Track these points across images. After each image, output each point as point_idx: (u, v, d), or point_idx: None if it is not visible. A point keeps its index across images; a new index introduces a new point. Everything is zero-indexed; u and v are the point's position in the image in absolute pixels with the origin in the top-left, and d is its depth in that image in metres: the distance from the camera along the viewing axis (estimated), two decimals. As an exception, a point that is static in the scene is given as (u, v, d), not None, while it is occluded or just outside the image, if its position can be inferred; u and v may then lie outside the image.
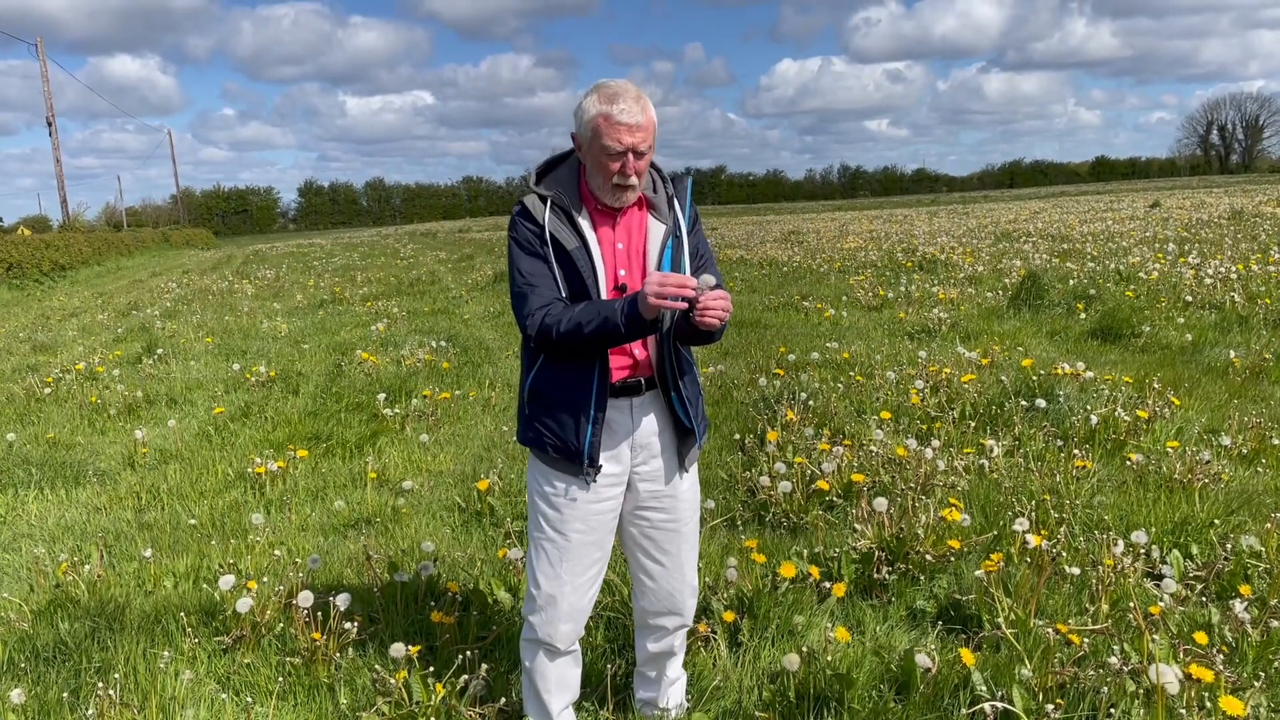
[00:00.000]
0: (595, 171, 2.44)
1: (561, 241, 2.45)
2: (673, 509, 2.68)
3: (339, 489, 5.57)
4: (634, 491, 2.65)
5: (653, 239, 2.53)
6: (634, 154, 2.38)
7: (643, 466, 2.63)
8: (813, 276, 15.02)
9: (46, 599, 4.07)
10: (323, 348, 10.64)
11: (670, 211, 2.56)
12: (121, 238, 44.47)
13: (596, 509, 2.58)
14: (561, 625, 2.63)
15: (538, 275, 2.47)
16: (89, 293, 23.24)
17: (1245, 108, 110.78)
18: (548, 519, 2.60)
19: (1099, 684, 2.87)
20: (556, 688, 2.75)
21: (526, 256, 2.48)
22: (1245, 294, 9.62)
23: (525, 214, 2.50)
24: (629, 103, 2.35)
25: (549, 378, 2.53)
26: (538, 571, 2.63)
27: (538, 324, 2.42)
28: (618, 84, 2.40)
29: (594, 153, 2.40)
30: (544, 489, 2.60)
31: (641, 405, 2.58)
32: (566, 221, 2.47)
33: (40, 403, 8.37)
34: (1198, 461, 4.62)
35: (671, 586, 2.75)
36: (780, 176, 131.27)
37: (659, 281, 2.24)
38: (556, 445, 2.53)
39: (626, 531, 2.73)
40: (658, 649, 2.87)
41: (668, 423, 2.64)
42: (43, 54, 41.62)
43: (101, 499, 5.66)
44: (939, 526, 3.96)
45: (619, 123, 2.34)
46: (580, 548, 2.59)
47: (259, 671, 3.35)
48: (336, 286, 18.07)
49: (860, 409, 6.23)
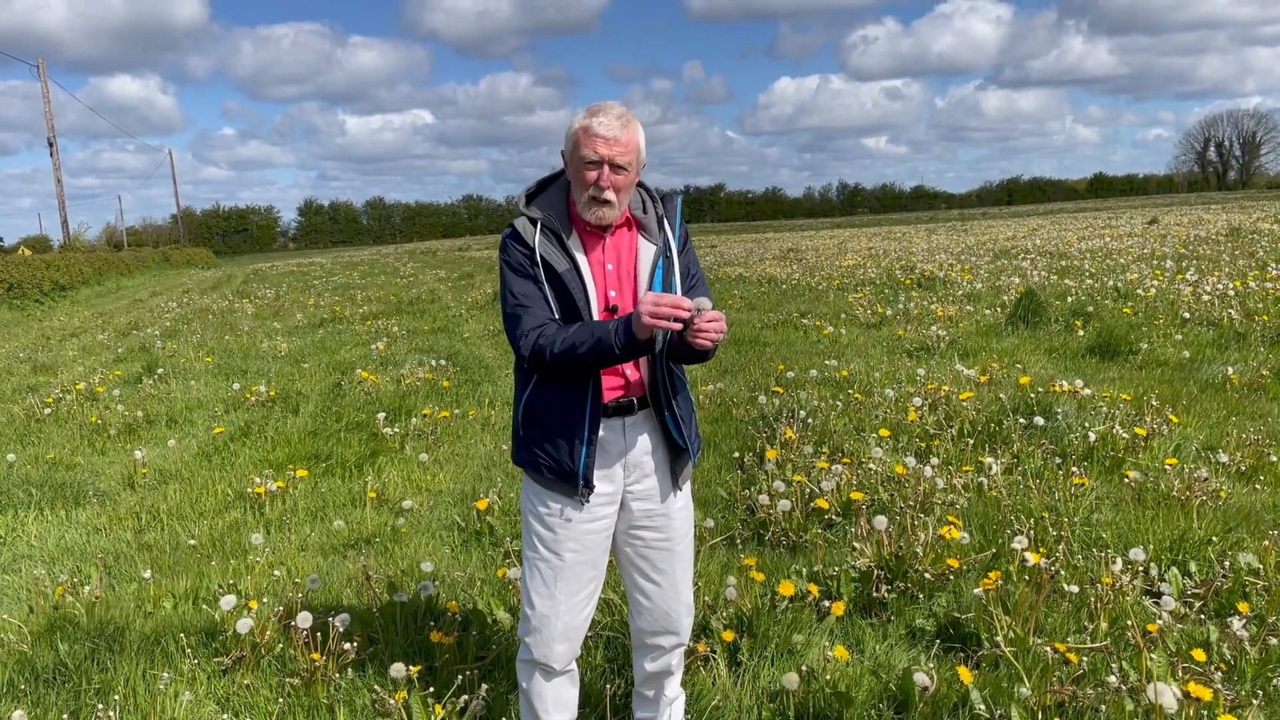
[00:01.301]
0: (576, 186, 2.48)
1: (552, 264, 2.47)
2: (666, 528, 2.69)
3: (338, 509, 5.58)
4: (627, 510, 2.66)
5: (643, 260, 2.55)
6: (611, 166, 2.41)
7: (636, 485, 2.64)
8: (811, 294, 15.06)
9: (46, 620, 4.07)
10: (323, 367, 10.65)
11: (660, 232, 2.59)
12: (122, 257, 44.56)
13: (590, 528, 2.60)
14: (557, 645, 2.63)
15: (530, 296, 2.49)
16: (89, 312, 23.28)
17: (1242, 124, 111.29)
18: (542, 539, 2.61)
19: (1097, 702, 2.88)
20: (554, 708, 2.75)
21: (518, 278, 2.51)
22: (1243, 311, 9.64)
23: (515, 237, 2.53)
24: (609, 117, 2.41)
25: (543, 399, 2.55)
26: (532, 592, 2.63)
27: (531, 344, 2.44)
28: (605, 103, 2.46)
29: (574, 165, 2.45)
30: (538, 509, 2.61)
31: (634, 424, 2.60)
32: (556, 244, 2.49)
33: (40, 423, 8.38)
34: (1196, 479, 4.62)
35: (667, 605, 2.75)
36: (779, 194, 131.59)
37: (653, 302, 2.25)
38: (551, 467, 2.54)
39: (621, 551, 2.74)
40: (655, 668, 2.87)
41: (660, 441, 2.65)
42: (44, 75, 41.86)
43: (101, 519, 5.67)
44: (938, 545, 3.96)
45: (596, 134, 2.40)
46: (574, 567, 2.60)
47: (258, 692, 3.35)
48: (336, 305, 18.11)
49: (859, 427, 6.24)
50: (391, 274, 29.46)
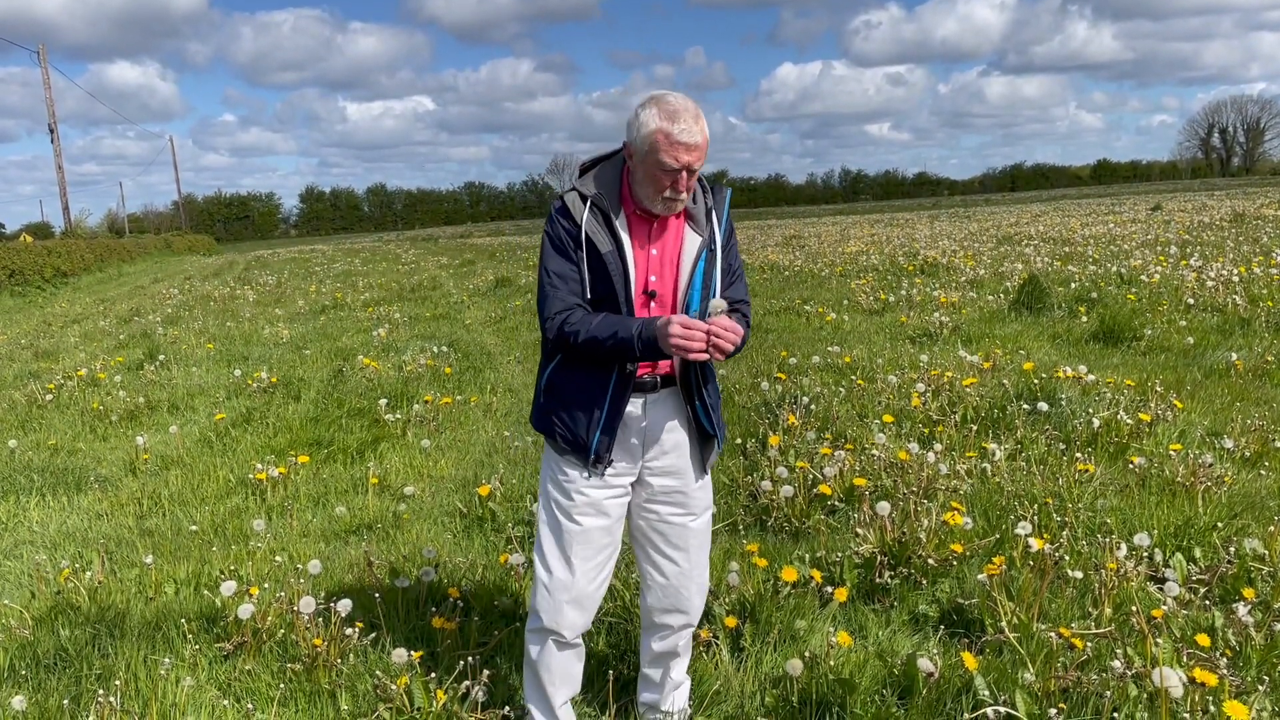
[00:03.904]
0: (646, 183, 2.45)
1: (596, 244, 2.47)
2: (684, 504, 2.70)
3: (340, 495, 5.57)
4: (644, 485, 2.67)
5: (687, 249, 2.54)
6: (688, 171, 2.40)
7: (655, 462, 2.64)
8: (814, 280, 15.02)
9: (48, 606, 4.07)
10: (324, 353, 10.64)
11: (708, 224, 2.57)
12: (123, 244, 44.54)
13: (608, 494, 2.61)
14: (569, 611, 2.62)
15: (564, 276, 2.50)
16: (91, 299, 23.27)
17: (1246, 110, 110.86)
18: (559, 505, 2.62)
19: (1102, 688, 2.86)
20: (560, 680, 2.74)
21: (557, 256, 2.52)
22: (1247, 297, 9.61)
23: (564, 211, 2.52)
24: (689, 122, 2.36)
25: (566, 372, 2.58)
26: (548, 556, 2.63)
27: (557, 328, 2.48)
28: (678, 100, 2.40)
29: (648, 166, 2.41)
30: (556, 476, 2.63)
31: (656, 402, 2.60)
32: (604, 223, 2.48)
33: (42, 409, 8.37)
34: (1200, 464, 4.60)
35: (679, 583, 2.75)
36: (781, 181, 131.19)
37: (683, 334, 2.26)
38: (566, 436, 2.57)
39: (635, 525, 2.74)
40: (662, 648, 2.87)
41: (684, 423, 2.66)
42: (44, 61, 41.72)
43: (103, 505, 5.66)
44: (941, 530, 3.95)
45: (678, 141, 2.35)
46: (590, 533, 2.61)
47: (260, 678, 3.34)
48: (338, 292, 18.09)
49: (862, 413, 6.22)
50: (393, 261, 29.44)
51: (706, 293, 2.54)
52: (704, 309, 2.47)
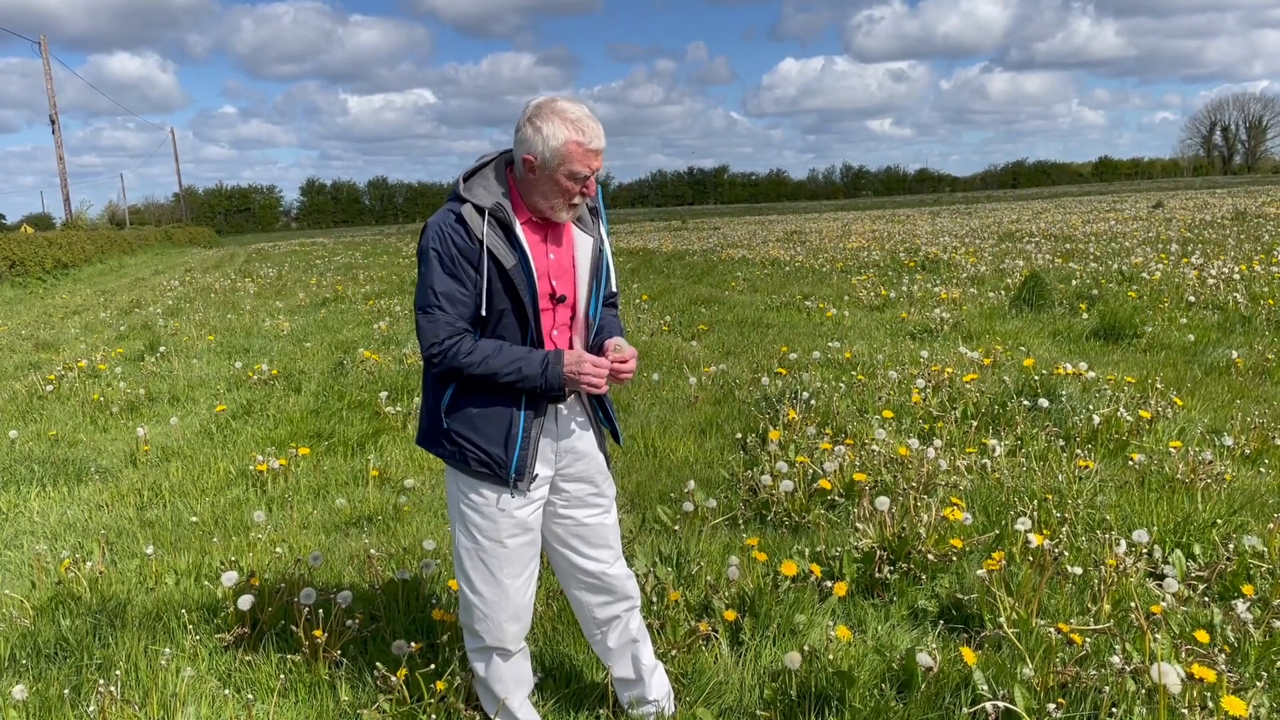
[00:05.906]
0: (553, 193, 2.41)
1: (500, 259, 2.39)
2: (598, 503, 2.71)
3: (341, 487, 5.57)
4: (558, 491, 2.66)
5: (580, 251, 2.55)
6: (594, 176, 2.43)
7: (569, 468, 2.64)
8: (815, 276, 15.01)
9: (48, 596, 4.08)
10: (325, 346, 10.64)
11: (595, 223, 2.59)
12: (124, 236, 44.50)
13: (531, 509, 2.59)
14: (509, 627, 2.65)
15: (453, 298, 2.40)
16: (91, 290, 23.26)
17: (1248, 108, 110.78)
18: (480, 529, 2.57)
19: (1101, 684, 2.87)
20: (515, 685, 2.78)
21: (445, 276, 2.40)
22: (1248, 294, 9.60)
23: (459, 226, 2.39)
24: (594, 127, 2.38)
25: (471, 396, 2.49)
26: (476, 581, 2.61)
27: (444, 357, 2.41)
28: (576, 107, 2.39)
29: (558, 176, 2.38)
30: (471, 499, 2.57)
31: (567, 409, 2.62)
32: (503, 236, 2.41)
33: (42, 400, 8.38)
34: (1200, 461, 4.61)
35: (613, 572, 2.75)
36: (783, 176, 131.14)
37: (596, 375, 2.41)
38: (482, 460, 2.50)
39: (551, 532, 2.70)
40: (619, 642, 2.83)
41: (588, 424, 2.68)
42: (45, 52, 41.66)
43: (103, 496, 5.67)
44: (941, 526, 3.95)
45: (590, 149, 2.37)
46: (516, 550, 2.59)
47: (260, 668, 3.35)
48: (339, 285, 18.08)
49: (862, 408, 6.23)
50: (394, 254, 29.41)
51: (601, 290, 2.59)
52: (598, 319, 2.62)
